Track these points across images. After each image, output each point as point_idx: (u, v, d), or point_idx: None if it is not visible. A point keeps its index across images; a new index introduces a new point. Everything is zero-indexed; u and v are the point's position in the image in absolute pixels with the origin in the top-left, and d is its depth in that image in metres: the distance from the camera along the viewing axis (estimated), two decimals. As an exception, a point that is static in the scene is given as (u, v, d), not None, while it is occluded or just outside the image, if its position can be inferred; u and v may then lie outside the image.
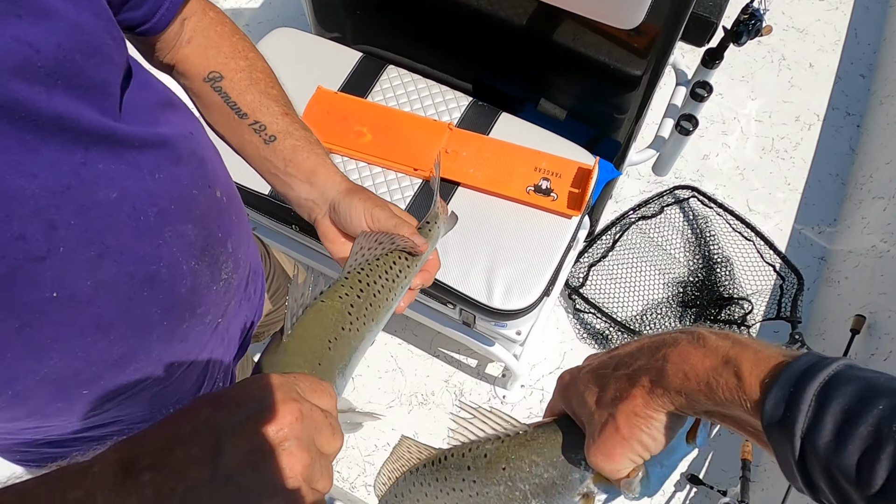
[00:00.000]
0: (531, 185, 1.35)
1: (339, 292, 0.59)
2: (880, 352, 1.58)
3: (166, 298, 0.60)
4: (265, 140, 0.71)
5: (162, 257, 0.59)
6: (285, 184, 0.72)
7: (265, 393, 0.39)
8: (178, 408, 0.39)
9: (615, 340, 1.91)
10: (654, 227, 2.06)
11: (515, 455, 0.52)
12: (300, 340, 0.52)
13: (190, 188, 0.63)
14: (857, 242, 1.93)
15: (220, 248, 0.69)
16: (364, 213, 0.69)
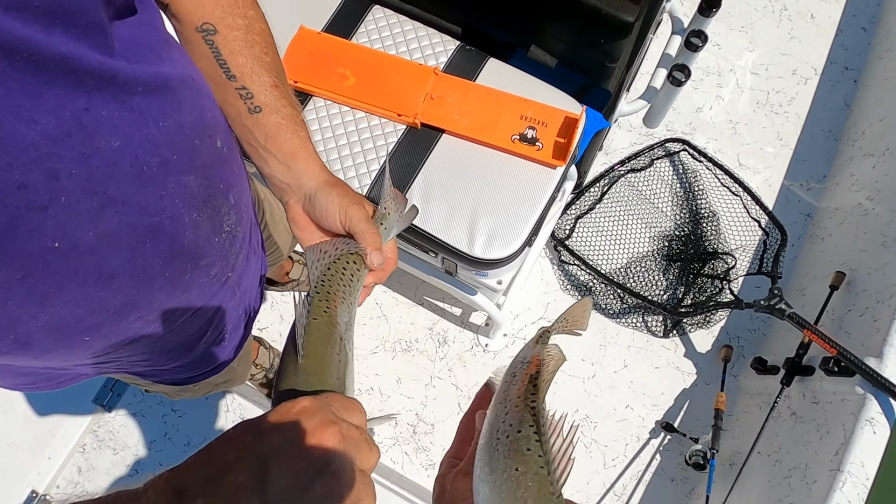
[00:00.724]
0: (517, 133, 1.33)
1: (320, 308, 0.59)
2: (856, 308, 1.60)
3: (168, 249, 0.60)
4: (250, 109, 0.69)
5: (164, 208, 0.58)
6: (261, 158, 0.70)
7: (304, 417, 0.40)
8: (220, 435, 0.40)
9: (599, 293, 1.93)
10: (642, 180, 2.05)
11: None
12: (316, 359, 0.52)
13: (192, 137, 0.62)
14: (843, 200, 1.93)
15: (221, 199, 0.68)
16: (339, 210, 0.67)
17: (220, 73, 0.69)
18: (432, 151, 1.34)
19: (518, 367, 0.57)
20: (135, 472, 1.31)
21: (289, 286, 1.83)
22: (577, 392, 1.84)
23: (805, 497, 1.38)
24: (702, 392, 1.84)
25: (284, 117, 0.69)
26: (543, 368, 0.55)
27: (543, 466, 0.46)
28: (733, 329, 1.91)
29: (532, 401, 0.52)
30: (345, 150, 1.36)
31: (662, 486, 1.75)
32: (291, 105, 0.71)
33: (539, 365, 0.55)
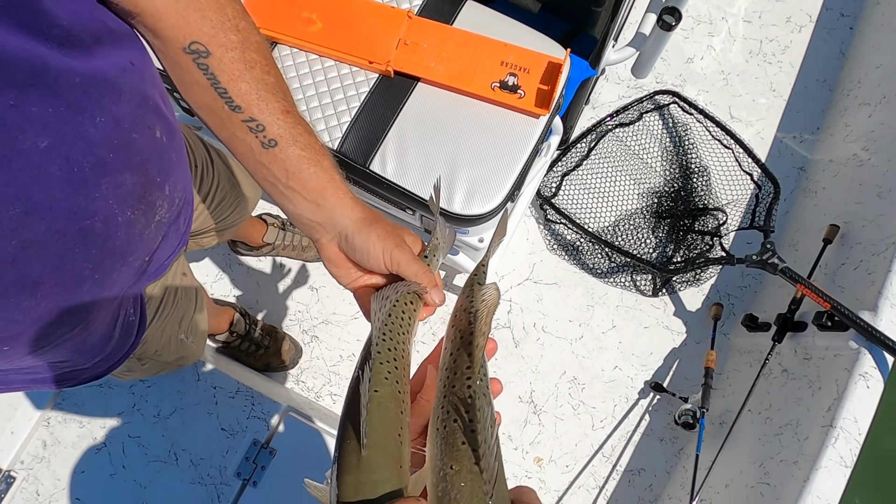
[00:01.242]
0: (497, 81, 1.24)
1: (382, 373, 0.51)
2: (851, 261, 1.55)
3: (99, 252, 0.55)
4: (263, 144, 0.60)
5: (97, 211, 0.53)
6: (284, 196, 0.62)
7: None
8: None
9: (586, 252, 1.87)
10: (631, 134, 1.97)
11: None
12: (379, 449, 0.46)
13: (130, 132, 0.55)
14: (838, 151, 1.87)
15: (157, 192, 0.62)
16: (384, 254, 0.60)
17: (221, 105, 0.59)
18: (407, 101, 1.26)
19: (453, 336, 0.53)
20: (102, 445, 1.26)
21: (264, 250, 1.76)
22: (564, 354, 1.79)
23: (796, 454, 1.35)
24: (691, 351, 1.80)
25: (304, 147, 0.61)
26: (475, 335, 0.51)
27: (476, 463, 0.43)
28: (724, 286, 1.86)
29: (470, 379, 0.47)
30: (313, 102, 1.27)
31: (651, 447, 1.73)
32: (308, 131, 0.62)
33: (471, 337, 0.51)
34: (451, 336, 0.52)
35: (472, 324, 0.51)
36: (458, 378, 0.48)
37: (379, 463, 0.46)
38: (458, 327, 0.53)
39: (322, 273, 1.82)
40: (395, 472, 0.46)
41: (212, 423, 1.28)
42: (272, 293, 1.81)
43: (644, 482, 1.70)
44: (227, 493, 1.23)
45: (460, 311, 0.55)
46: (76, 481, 1.24)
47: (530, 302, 1.83)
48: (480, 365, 0.48)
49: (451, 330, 0.53)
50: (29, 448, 1.26)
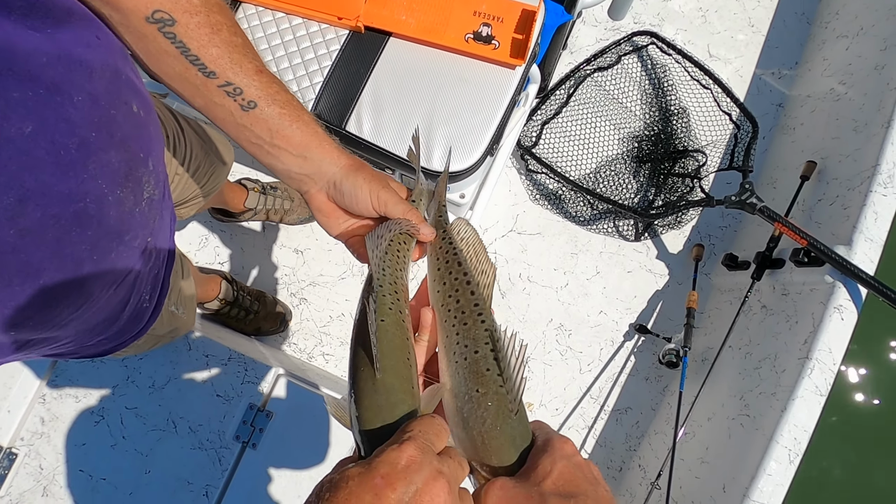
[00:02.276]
0: (470, 32, 1.22)
1: (386, 304, 0.55)
2: (827, 197, 1.58)
3: (95, 233, 0.55)
4: (242, 106, 0.61)
5: (88, 192, 0.53)
6: (270, 155, 0.63)
7: (414, 471, 0.41)
8: (335, 491, 0.40)
9: (568, 200, 1.88)
10: (610, 78, 1.95)
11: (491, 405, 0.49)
12: (392, 372, 0.50)
13: (108, 108, 0.54)
14: (816, 86, 1.87)
15: (142, 169, 0.62)
16: (371, 196, 0.62)
17: (194, 72, 0.59)
18: (379, 58, 1.23)
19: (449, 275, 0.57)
20: (100, 418, 1.28)
21: (246, 216, 1.74)
22: (550, 302, 1.83)
23: (774, 386, 1.41)
24: (674, 292, 1.84)
25: (283, 105, 0.62)
26: (471, 275, 0.56)
27: (502, 385, 0.49)
28: (704, 227, 1.89)
29: (480, 315, 0.53)
30: (283, 63, 1.24)
31: (637, 386, 1.79)
32: (284, 88, 0.63)
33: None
34: (442, 278, 0.56)
35: (463, 265, 0.56)
36: (468, 316, 0.53)
37: (394, 385, 0.49)
38: (446, 269, 0.57)
39: (306, 235, 1.82)
40: (409, 393, 0.50)
41: (207, 391, 1.30)
42: (258, 258, 1.81)
43: (631, 419, 1.77)
44: (228, 457, 1.27)
45: (442, 254, 0.59)
46: (78, 454, 1.27)
47: (515, 253, 1.85)
48: (488, 302, 0.53)
49: (440, 272, 0.57)
50: (28, 425, 1.28)
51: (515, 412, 0.48)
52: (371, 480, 0.40)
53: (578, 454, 0.48)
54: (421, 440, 0.43)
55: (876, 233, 1.41)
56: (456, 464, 0.44)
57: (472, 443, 0.48)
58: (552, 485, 0.44)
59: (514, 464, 0.47)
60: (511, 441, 0.47)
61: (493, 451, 0.47)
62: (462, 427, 0.49)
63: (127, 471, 1.26)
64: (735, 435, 1.45)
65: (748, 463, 1.33)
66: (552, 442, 0.47)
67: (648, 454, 1.70)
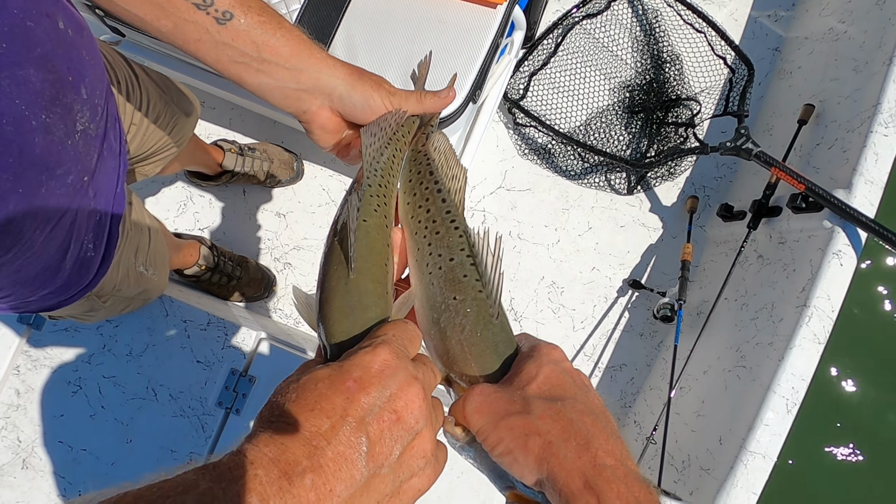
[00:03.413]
0: (447, -31, 1.14)
1: (371, 205, 0.51)
2: (826, 140, 1.52)
3: (17, 161, 0.50)
4: (217, 20, 0.53)
5: (3, 112, 0.47)
6: (260, 72, 0.55)
7: (389, 375, 0.38)
8: (302, 393, 0.37)
9: (558, 154, 1.81)
10: (599, 26, 1.87)
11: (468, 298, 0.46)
12: (366, 274, 0.47)
13: (23, 19, 0.48)
14: (813, 26, 1.79)
15: (72, 94, 0.56)
16: (384, 101, 0.57)
17: None
18: (350, 2, 1.16)
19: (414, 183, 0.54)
20: (77, 388, 1.24)
21: (223, 179, 1.68)
22: (541, 259, 1.78)
23: (771, 335, 1.37)
24: (668, 246, 1.79)
25: (261, 12, 0.54)
26: (442, 182, 0.53)
27: (481, 290, 0.46)
28: (699, 178, 1.83)
29: (453, 222, 0.49)
30: (249, 8, 1.16)
31: (632, 342, 1.75)
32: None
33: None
34: (413, 189, 0.53)
35: (434, 174, 0.53)
36: (440, 224, 0.49)
37: (367, 288, 0.46)
38: (417, 179, 0.54)
39: (288, 199, 1.76)
40: (383, 298, 0.47)
41: (186, 357, 1.26)
42: (238, 223, 1.75)
43: (626, 376, 1.74)
44: (211, 423, 1.23)
45: (415, 165, 0.55)
46: (56, 425, 1.23)
47: (504, 210, 1.80)
48: (460, 207, 0.51)
49: (411, 184, 0.54)
50: (2, 397, 1.24)
51: (496, 316, 0.45)
52: (343, 383, 0.37)
53: (567, 360, 0.45)
54: (395, 344, 0.40)
55: (876, 174, 1.35)
56: (429, 370, 0.41)
57: (451, 353, 0.45)
58: (537, 388, 0.41)
59: (497, 371, 0.44)
60: (493, 348, 0.45)
61: (474, 358, 0.45)
62: (440, 338, 0.46)
63: (108, 441, 1.23)
64: (731, 387, 1.43)
65: (745, 414, 1.30)
66: (538, 348, 0.45)
67: (644, 410, 1.68)
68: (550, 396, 0.41)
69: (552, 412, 0.40)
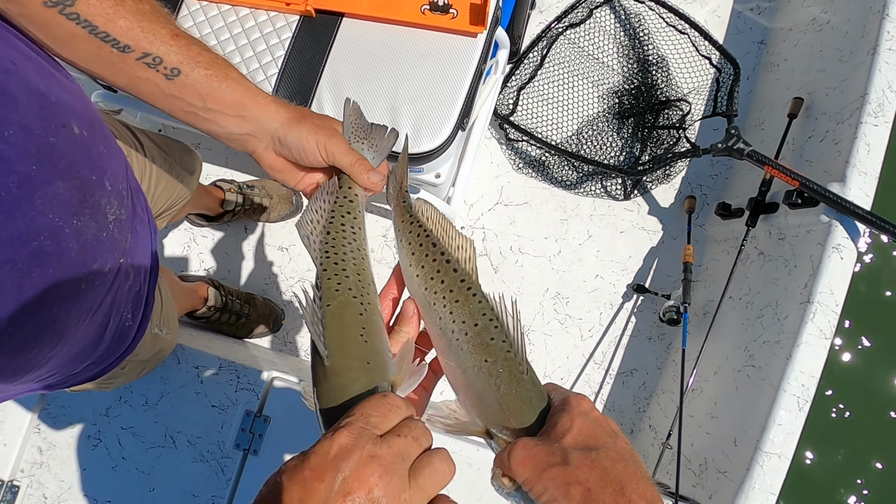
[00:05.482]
0: (426, 3, 1.16)
1: (332, 286, 0.54)
2: (817, 133, 1.53)
3: (57, 270, 0.53)
4: (166, 76, 0.58)
5: (40, 229, 0.50)
6: (207, 120, 0.61)
7: (343, 459, 0.40)
8: (270, 486, 0.40)
9: (553, 166, 1.83)
10: (583, 34, 1.88)
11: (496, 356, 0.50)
12: (339, 356, 0.49)
13: (45, 137, 0.51)
14: (797, 17, 1.79)
15: (98, 192, 0.59)
16: (318, 147, 0.61)
17: (108, 50, 0.55)
18: (334, 41, 1.18)
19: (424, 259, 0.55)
20: (98, 441, 1.26)
21: (225, 218, 1.70)
22: (544, 271, 1.79)
23: (778, 333, 1.38)
24: (669, 248, 1.80)
25: (208, 66, 0.59)
26: (448, 253, 0.55)
27: (509, 350, 0.50)
28: (694, 178, 1.84)
29: (470, 289, 0.53)
30: (235, 58, 1.18)
31: (640, 346, 1.76)
32: (205, 49, 0.60)
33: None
34: (419, 262, 0.55)
35: (438, 245, 0.55)
36: (458, 293, 0.52)
37: (344, 367, 0.49)
38: (421, 252, 0.56)
39: (289, 232, 1.78)
40: (363, 371, 0.50)
41: (201, 402, 1.28)
42: (243, 260, 1.77)
43: (637, 381, 1.75)
44: (231, 466, 1.25)
45: (413, 238, 0.57)
46: (80, 479, 1.26)
47: (503, 225, 1.81)
48: (474, 275, 0.54)
49: (415, 256, 0.56)
50: (26, 456, 1.27)
51: (526, 372, 0.49)
52: (300, 473, 0.40)
53: (596, 410, 0.49)
54: (357, 425, 0.43)
55: (870, 165, 1.36)
56: (406, 441, 0.43)
57: (490, 410, 0.49)
58: (573, 440, 0.45)
59: (534, 424, 0.48)
60: (528, 402, 0.49)
61: (512, 414, 0.48)
62: (477, 397, 0.50)
63: (131, 491, 1.25)
64: (742, 387, 1.43)
65: (757, 414, 1.31)
66: (569, 400, 0.48)
67: (658, 414, 1.68)
68: (585, 447, 0.44)
69: (588, 461, 0.43)
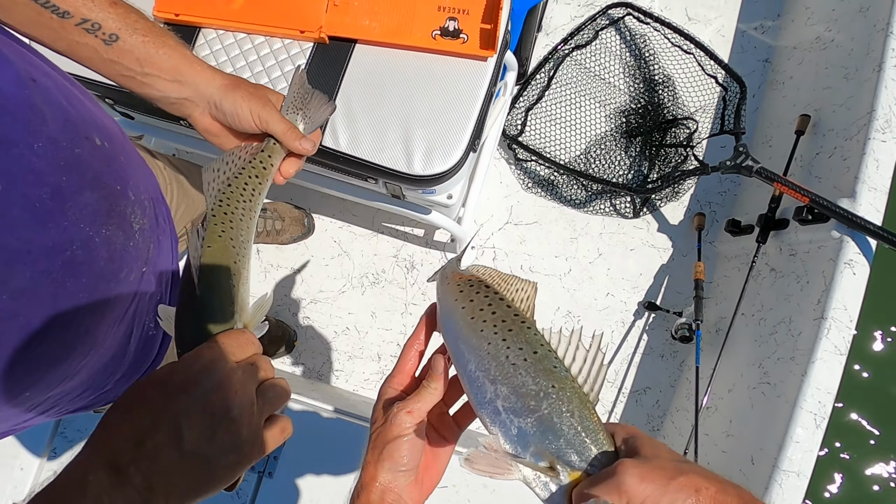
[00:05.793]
0: (436, 28, 1.18)
1: (216, 232, 0.60)
2: (825, 150, 1.53)
3: (89, 279, 0.55)
4: (105, 41, 0.61)
5: (73, 239, 0.52)
6: (144, 84, 0.65)
7: (204, 375, 0.48)
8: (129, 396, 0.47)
9: (562, 185, 1.84)
10: (590, 55, 1.91)
11: (566, 394, 0.47)
12: (209, 290, 0.56)
13: (71, 148, 0.53)
14: (801, 36, 1.81)
15: (123, 201, 0.62)
16: (252, 115, 0.66)
17: (48, 16, 0.58)
18: (347, 67, 1.20)
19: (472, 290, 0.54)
20: (113, 464, 1.26)
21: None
22: (555, 290, 1.80)
23: (792, 350, 1.37)
24: (680, 265, 1.80)
25: (146, 33, 0.63)
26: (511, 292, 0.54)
27: (575, 380, 0.48)
28: (703, 195, 1.85)
29: (524, 322, 0.51)
30: (250, 84, 1.21)
31: (653, 364, 1.76)
32: (142, 17, 0.64)
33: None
34: (468, 297, 0.53)
35: (490, 287, 0.54)
36: (511, 323, 0.50)
37: (210, 300, 0.55)
38: (471, 290, 0.54)
39: (301, 254, 1.80)
40: (226, 308, 0.56)
41: (217, 424, 1.29)
42: (254, 282, 1.79)
43: (651, 400, 1.74)
44: (245, 489, 1.25)
45: (464, 281, 0.55)
46: None
47: (514, 245, 1.82)
48: (529, 313, 0.52)
49: (462, 293, 0.54)
50: (42, 479, 1.27)
51: (596, 402, 0.48)
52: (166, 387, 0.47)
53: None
54: (219, 349, 0.50)
55: (879, 181, 1.36)
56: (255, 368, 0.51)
57: (565, 438, 0.46)
58: (668, 454, 0.44)
59: (614, 452, 0.46)
60: (603, 428, 0.47)
61: (592, 440, 0.46)
62: (545, 426, 0.46)
63: (147, 514, 1.25)
64: (757, 404, 1.42)
65: (774, 432, 1.30)
66: (625, 427, 0.48)
67: (672, 433, 1.67)
68: (681, 459, 0.44)
69: (698, 469, 0.43)
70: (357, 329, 1.75)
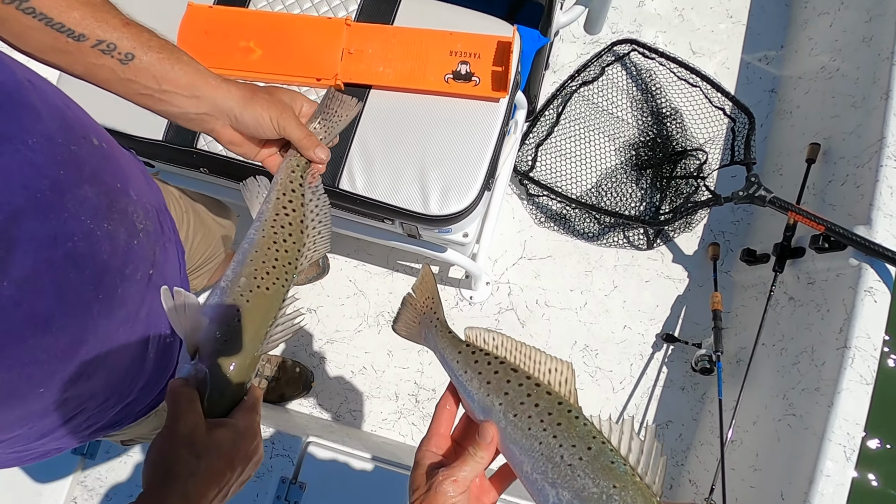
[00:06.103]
0: (449, 72, 1.21)
1: (256, 274, 0.68)
2: (837, 177, 1.54)
3: (93, 272, 0.57)
4: (121, 61, 0.62)
5: (74, 231, 0.54)
6: (163, 102, 0.65)
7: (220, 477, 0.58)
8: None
9: (574, 219, 1.85)
10: (597, 91, 1.94)
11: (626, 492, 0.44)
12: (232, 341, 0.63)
13: (67, 146, 0.56)
14: (805, 66, 1.84)
15: (124, 199, 0.64)
16: (272, 122, 0.67)
17: (64, 41, 0.60)
18: (362, 112, 1.23)
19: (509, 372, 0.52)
20: (134, 513, 1.25)
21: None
22: (571, 324, 1.79)
23: (816, 380, 1.35)
24: (696, 295, 1.79)
25: (160, 50, 0.63)
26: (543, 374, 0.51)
27: (635, 474, 0.45)
28: (717, 225, 1.85)
29: (570, 412, 0.48)
30: (269, 131, 1.24)
31: (674, 397, 1.73)
32: (155, 35, 0.65)
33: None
34: (498, 389, 0.51)
35: (519, 371, 0.52)
36: (557, 416, 0.48)
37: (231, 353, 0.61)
38: (503, 370, 0.52)
39: (317, 294, 1.81)
40: (246, 364, 0.63)
41: (237, 469, 1.28)
42: (272, 322, 1.79)
43: (673, 433, 1.71)
44: (266, 534, 1.24)
45: (485, 367, 0.53)
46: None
47: (528, 280, 1.82)
48: (572, 398, 0.50)
49: (491, 385, 0.52)
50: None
51: (658, 496, 0.45)
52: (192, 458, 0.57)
53: None
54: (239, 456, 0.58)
55: (894, 207, 1.36)
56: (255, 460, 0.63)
57: None
58: None
59: None
60: None
61: None
62: None
63: (167, 564, 1.23)
64: (784, 437, 1.39)
65: (803, 465, 1.27)
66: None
67: (697, 467, 1.64)
68: None
69: None
70: (374, 368, 1.75)
